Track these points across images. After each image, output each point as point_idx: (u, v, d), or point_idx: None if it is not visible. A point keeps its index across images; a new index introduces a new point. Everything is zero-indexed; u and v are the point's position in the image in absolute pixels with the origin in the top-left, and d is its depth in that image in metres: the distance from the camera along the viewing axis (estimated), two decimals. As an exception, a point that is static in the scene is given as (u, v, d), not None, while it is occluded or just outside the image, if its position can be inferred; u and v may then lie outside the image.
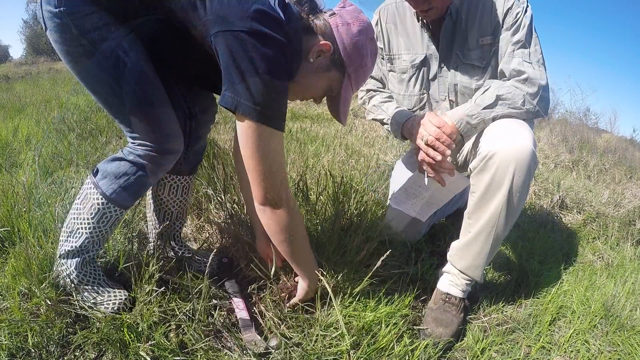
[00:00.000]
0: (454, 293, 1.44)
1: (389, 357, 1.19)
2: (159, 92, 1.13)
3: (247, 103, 0.96)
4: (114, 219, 1.21)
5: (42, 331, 1.12)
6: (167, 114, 1.15)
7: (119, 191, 1.17)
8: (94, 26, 1.00)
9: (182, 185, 1.45)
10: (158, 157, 1.16)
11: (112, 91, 1.08)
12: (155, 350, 1.08)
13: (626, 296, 1.67)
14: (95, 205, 1.18)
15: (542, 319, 1.51)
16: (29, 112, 4.31)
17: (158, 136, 1.15)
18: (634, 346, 1.39)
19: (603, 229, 2.59)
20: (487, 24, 1.44)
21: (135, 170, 1.16)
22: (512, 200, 1.27)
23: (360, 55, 1.13)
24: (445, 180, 1.38)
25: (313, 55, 1.09)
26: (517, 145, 1.23)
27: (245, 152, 1.03)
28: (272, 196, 1.08)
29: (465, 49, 1.48)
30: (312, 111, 5.53)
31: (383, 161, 2.93)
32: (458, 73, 1.52)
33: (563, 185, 3.13)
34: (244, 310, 1.28)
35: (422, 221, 1.55)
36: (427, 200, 1.47)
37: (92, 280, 1.23)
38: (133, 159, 1.16)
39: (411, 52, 1.58)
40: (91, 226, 1.19)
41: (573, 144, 5.37)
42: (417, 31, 1.56)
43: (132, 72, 1.06)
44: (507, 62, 1.39)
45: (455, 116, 1.32)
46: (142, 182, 1.19)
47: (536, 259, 1.96)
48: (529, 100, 1.32)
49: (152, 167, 1.17)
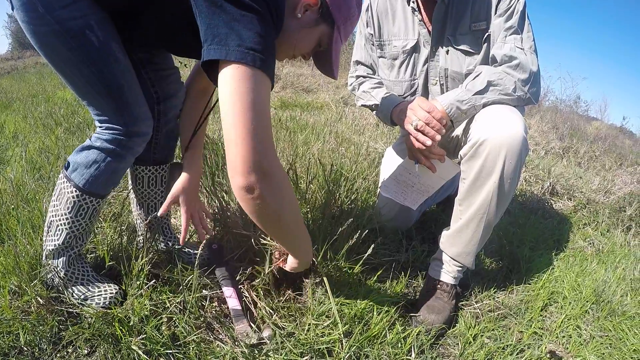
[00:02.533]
0: (445, 280, 1.44)
1: (382, 344, 1.20)
2: (127, 73, 1.09)
3: (238, 48, 0.86)
4: (92, 210, 1.19)
5: (34, 329, 1.11)
6: (134, 95, 1.12)
7: (92, 181, 1.15)
8: (60, 4, 0.96)
9: (159, 175, 1.42)
10: (126, 140, 1.13)
11: (80, 72, 1.04)
12: (147, 344, 1.08)
13: (617, 282, 1.69)
14: (71, 199, 1.16)
15: (534, 305, 1.53)
16: (15, 107, 4.25)
17: (125, 118, 1.11)
18: (624, 331, 1.41)
19: (593, 216, 2.61)
20: (480, 10, 1.43)
21: (104, 157, 1.14)
22: (503, 187, 1.27)
23: (348, 7, 1.10)
24: (436, 166, 1.38)
25: (300, 10, 1.04)
26: (508, 132, 1.22)
27: (229, 107, 0.86)
28: (261, 158, 0.88)
29: (458, 33, 1.46)
30: (301, 99, 5.50)
31: (373, 149, 2.93)
32: (449, 58, 1.50)
33: (554, 172, 3.14)
34: (236, 300, 1.28)
35: (413, 209, 1.54)
36: (417, 188, 1.45)
37: (81, 277, 1.22)
38: (100, 145, 1.13)
39: (402, 38, 1.57)
40: (70, 221, 1.17)
41: (563, 132, 5.39)
42: (409, 16, 1.55)
43: (99, 52, 1.02)
44: (499, 48, 1.38)
45: (445, 101, 1.31)
46: (112, 168, 1.16)
47: (527, 245, 1.97)
48: (520, 87, 1.32)
49: (120, 151, 1.14)
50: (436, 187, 1.44)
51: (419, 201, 1.49)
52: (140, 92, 1.15)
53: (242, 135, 0.86)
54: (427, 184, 1.43)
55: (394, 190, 1.49)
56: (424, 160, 1.36)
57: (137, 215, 1.49)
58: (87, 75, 1.04)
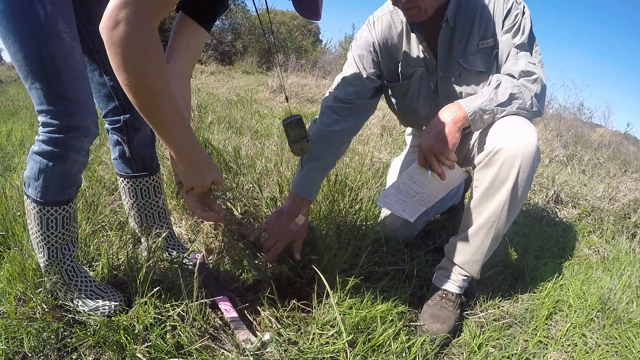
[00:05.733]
0: (450, 289, 1.44)
1: (386, 354, 1.19)
2: (70, 58, 1.01)
3: None
4: (62, 219, 1.16)
5: (39, 335, 1.12)
6: (73, 84, 1.03)
7: (45, 191, 1.11)
8: None
9: (152, 185, 1.40)
10: (62, 138, 1.06)
11: (20, 46, 0.96)
12: (151, 351, 1.08)
13: (622, 289, 1.68)
14: (36, 215, 1.14)
15: (539, 313, 1.52)
16: (22, 115, 4.28)
17: (59, 108, 1.03)
18: (630, 339, 1.40)
19: (598, 223, 2.60)
20: (486, 27, 1.40)
21: (46, 164, 1.08)
22: (515, 196, 1.27)
23: None
24: (446, 173, 1.33)
25: None
26: (524, 141, 1.23)
27: None
28: (136, 12, 0.80)
29: (468, 54, 1.43)
30: (306, 110, 5.52)
31: (377, 159, 2.93)
32: (462, 81, 1.47)
33: (558, 180, 3.14)
34: (232, 310, 1.27)
35: (411, 221, 1.49)
36: (418, 198, 1.42)
37: (84, 288, 1.23)
38: (38, 149, 1.07)
39: (409, 66, 1.52)
40: (44, 236, 1.15)
41: (567, 139, 5.39)
42: (412, 44, 1.49)
43: (43, 29, 0.94)
44: (514, 65, 1.35)
45: (470, 107, 1.27)
46: (59, 172, 1.10)
47: (532, 253, 1.97)
48: (535, 102, 1.32)
49: (60, 151, 1.07)
50: (439, 197, 1.42)
51: (418, 212, 1.45)
52: (85, 85, 1.06)
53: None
54: (430, 193, 1.40)
55: (393, 200, 1.44)
56: (436, 166, 1.30)
57: (134, 225, 1.48)
58: (26, 51, 0.97)
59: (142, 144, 1.37)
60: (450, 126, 1.25)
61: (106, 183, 2.12)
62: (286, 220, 1.42)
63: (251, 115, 4.55)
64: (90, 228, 1.57)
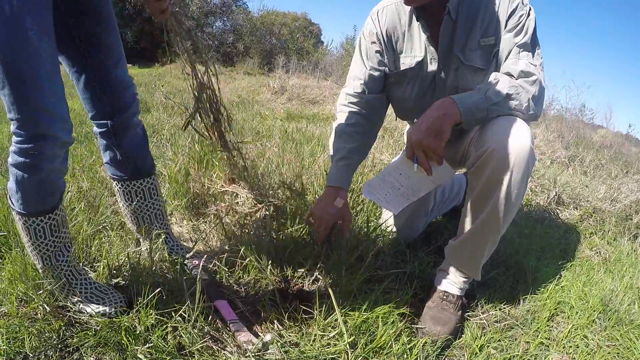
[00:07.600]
0: (451, 291, 1.44)
1: (387, 355, 1.19)
2: (36, 58, 0.91)
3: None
4: (49, 227, 1.14)
5: (40, 335, 1.12)
6: (39, 88, 0.93)
7: (25, 203, 1.09)
8: None
9: (142, 188, 1.39)
10: (32, 147, 0.98)
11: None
12: (153, 352, 1.08)
13: (624, 291, 1.68)
14: (22, 226, 1.13)
15: (540, 315, 1.52)
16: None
17: (24, 115, 0.95)
18: (632, 340, 1.40)
19: (600, 224, 2.59)
20: (489, 25, 1.39)
21: (21, 175, 1.03)
22: (510, 197, 1.26)
23: None
24: (432, 169, 1.31)
25: None
26: (516, 142, 1.22)
27: None
28: None
29: (467, 49, 1.42)
30: (308, 111, 5.53)
31: (379, 160, 2.93)
32: (459, 75, 1.46)
33: (559, 181, 3.13)
34: (231, 312, 1.27)
35: (394, 214, 1.48)
36: (403, 191, 1.39)
37: (84, 291, 1.23)
38: (12, 160, 1.02)
39: (409, 55, 1.52)
40: (35, 245, 1.15)
41: (569, 140, 5.37)
42: (415, 33, 1.49)
43: (6, 24, 0.86)
44: (514, 64, 1.34)
45: (463, 104, 1.26)
46: (35, 183, 1.06)
47: (533, 255, 1.96)
48: (532, 105, 1.30)
49: (31, 161, 1.01)
50: (423, 192, 1.40)
51: (401, 206, 1.43)
52: (53, 88, 0.97)
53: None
54: (415, 188, 1.37)
55: (378, 191, 1.42)
56: (423, 160, 1.27)
57: (131, 227, 1.48)
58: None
59: (133, 144, 1.35)
60: (441, 121, 1.23)
61: (107, 184, 2.12)
62: (325, 205, 1.48)
63: (253, 116, 4.56)
64: (91, 229, 1.57)
